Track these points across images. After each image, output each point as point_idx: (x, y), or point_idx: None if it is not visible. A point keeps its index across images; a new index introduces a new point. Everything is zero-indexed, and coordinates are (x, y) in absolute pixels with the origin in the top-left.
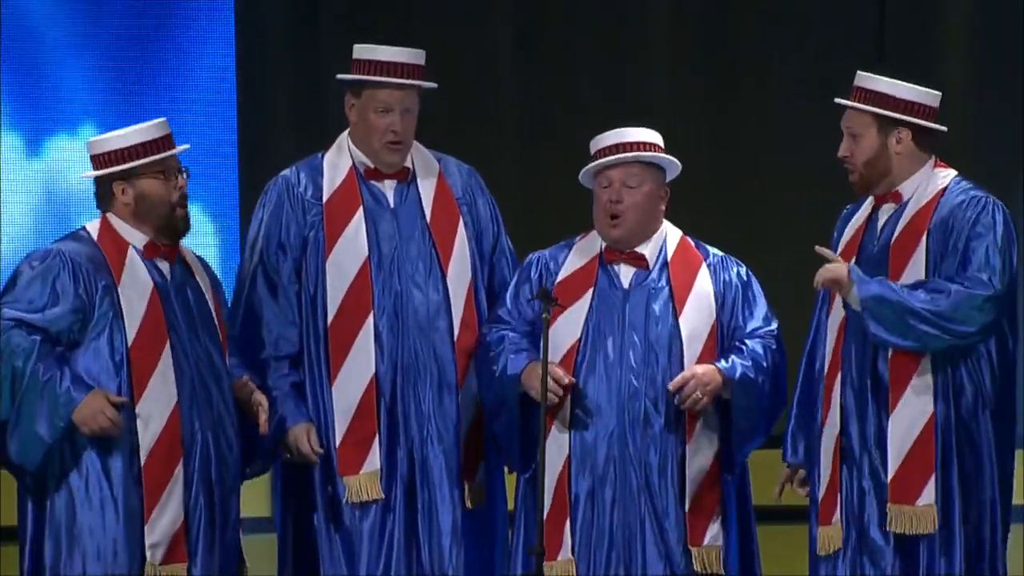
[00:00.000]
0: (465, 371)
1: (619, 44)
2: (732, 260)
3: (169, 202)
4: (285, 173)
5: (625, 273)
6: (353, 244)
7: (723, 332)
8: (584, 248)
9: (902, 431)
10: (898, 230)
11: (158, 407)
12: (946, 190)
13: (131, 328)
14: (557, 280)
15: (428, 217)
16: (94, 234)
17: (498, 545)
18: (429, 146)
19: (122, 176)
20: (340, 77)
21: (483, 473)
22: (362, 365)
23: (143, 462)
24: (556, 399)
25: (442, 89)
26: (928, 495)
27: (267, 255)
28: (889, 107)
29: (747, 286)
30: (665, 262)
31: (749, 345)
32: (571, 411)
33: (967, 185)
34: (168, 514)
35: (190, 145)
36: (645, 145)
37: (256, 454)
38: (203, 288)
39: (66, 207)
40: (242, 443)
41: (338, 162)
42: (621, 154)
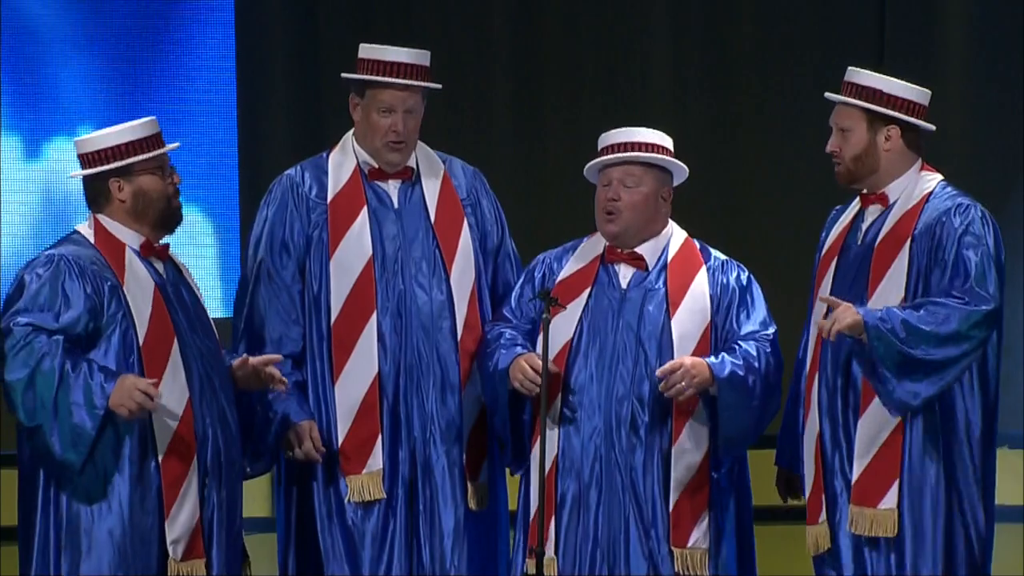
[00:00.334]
0: (468, 371)
1: (619, 44)
2: (735, 264)
3: (166, 196)
4: (289, 172)
5: (624, 273)
6: (357, 244)
7: (717, 335)
8: (588, 248)
9: (870, 434)
10: (883, 233)
11: (172, 403)
12: (932, 194)
13: (141, 326)
14: (558, 279)
15: (432, 217)
16: (89, 236)
17: (501, 545)
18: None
19: (119, 173)
20: (345, 76)
21: (486, 473)
22: (365, 364)
23: (161, 458)
24: (535, 389)
25: (440, 89)
26: (891, 499)
27: (270, 254)
28: (880, 103)
29: (746, 290)
30: (665, 264)
31: (743, 346)
32: (560, 409)
33: (953, 191)
34: (186, 509)
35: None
36: (646, 146)
37: (259, 453)
38: (193, 287)
39: (65, 209)
40: (242, 440)
41: (343, 162)
42: (621, 153)
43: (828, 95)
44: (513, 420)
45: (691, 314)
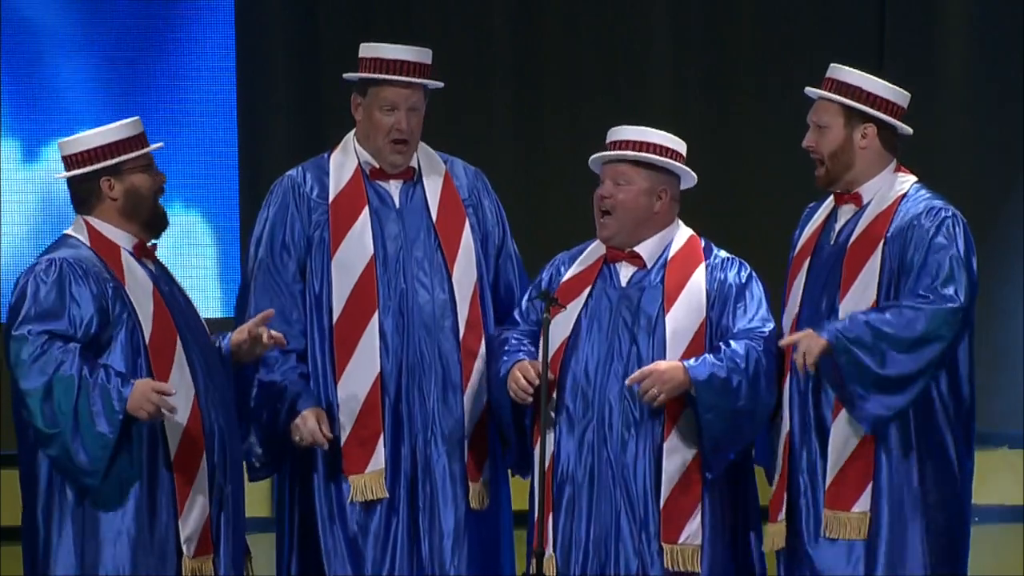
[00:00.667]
0: (470, 371)
1: (619, 44)
2: (737, 261)
3: (156, 194)
4: (291, 173)
5: (624, 273)
6: (359, 243)
7: (712, 331)
8: (595, 249)
9: (843, 437)
10: (855, 234)
11: (180, 400)
12: (906, 196)
13: (146, 326)
14: (563, 280)
15: (434, 217)
16: (83, 239)
17: (503, 545)
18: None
19: (110, 172)
20: (347, 76)
21: (488, 473)
22: (367, 364)
23: (172, 456)
24: (527, 398)
25: (440, 88)
26: (864, 502)
27: (271, 254)
28: (859, 100)
29: (744, 287)
30: (666, 262)
31: (731, 346)
32: (556, 409)
33: (926, 194)
34: (198, 506)
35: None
36: (640, 144)
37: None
38: (180, 285)
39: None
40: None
41: (344, 162)
42: (614, 151)
43: (808, 90)
44: (517, 425)
45: (686, 311)
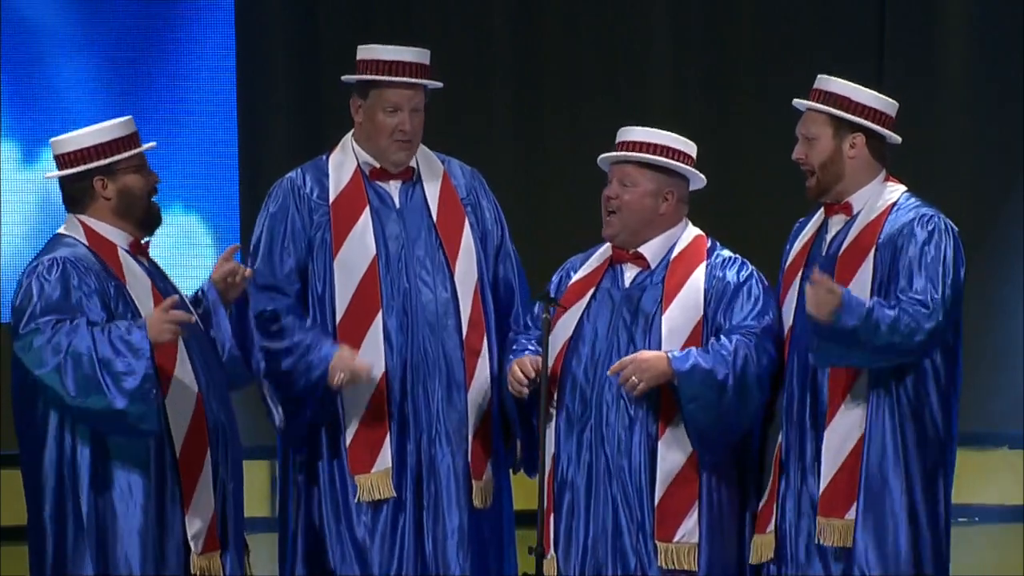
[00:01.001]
0: (473, 369)
1: (619, 44)
2: (739, 261)
3: (148, 194)
4: (290, 175)
5: (629, 273)
6: (361, 243)
7: (708, 330)
8: (604, 250)
9: (835, 445)
10: (846, 243)
11: (184, 396)
12: (895, 205)
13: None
14: (572, 281)
15: (434, 217)
16: (80, 238)
17: (505, 545)
18: (426, 145)
19: (103, 171)
20: (346, 78)
21: (491, 472)
22: (372, 364)
23: (178, 452)
24: (523, 391)
25: (440, 88)
26: (856, 510)
27: (270, 255)
28: (847, 110)
29: (742, 285)
30: (668, 262)
31: (721, 340)
32: (556, 408)
33: (916, 202)
34: (204, 502)
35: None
36: (648, 146)
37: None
38: (174, 283)
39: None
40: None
41: (343, 163)
42: (620, 152)
43: (796, 102)
44: (525, 423)
45: (683, 310)
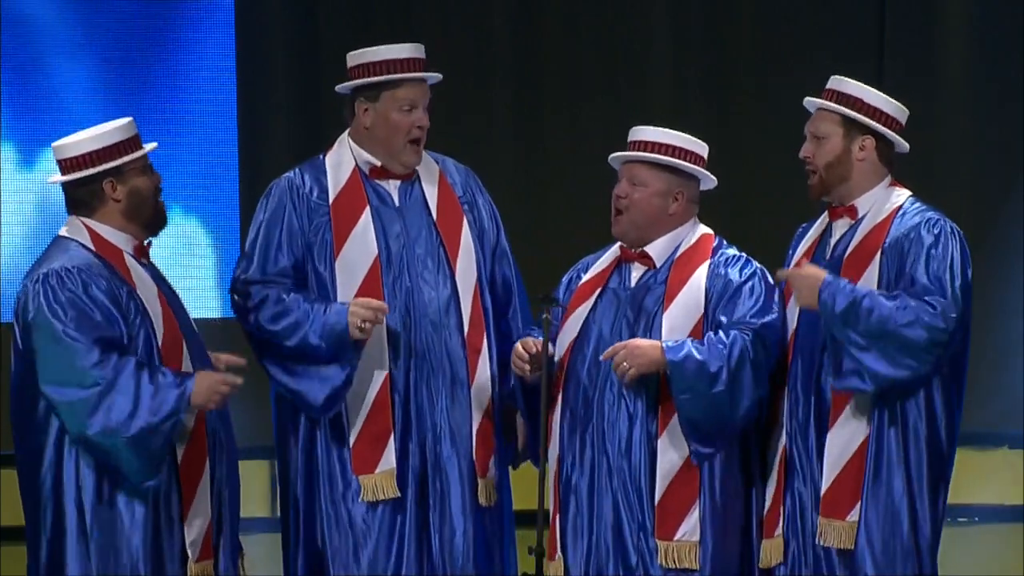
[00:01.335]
0: (475, 367)
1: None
2: (743, 259)
3: (154, 194)
4: (288, 175)
5: (635, 273)
6: (362, 243)
7: (708, 327)
8: (614, 250)
9: (839, 447)
10: (852, 246)
11: None
12: (901, 209)
13: (158, 328)
14: (582, 281)
15: (434, 215)
16: (87, 243)
17: (506, 543)
18: (427, 144)
19: (112, 174)
20: (343, 86)
21: (494, 469)
22: (375, 363)
23: (180, 460)
24: (524, 367)
25: (440, 88)
26: (858, 512)
27: (265, 253)
28: (859, 110)
29: (744, 283)
30: (672, 262)
31: (718, 333)
32: (561, 409)
33: (922, 206)
34: (202, 511)
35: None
36: (658, 147)
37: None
38: (171, 285)
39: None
40: None
41: (341, 162)
42: (631, 152)
43: (807, 100)
44: (532, 417)
45: (684, 308)
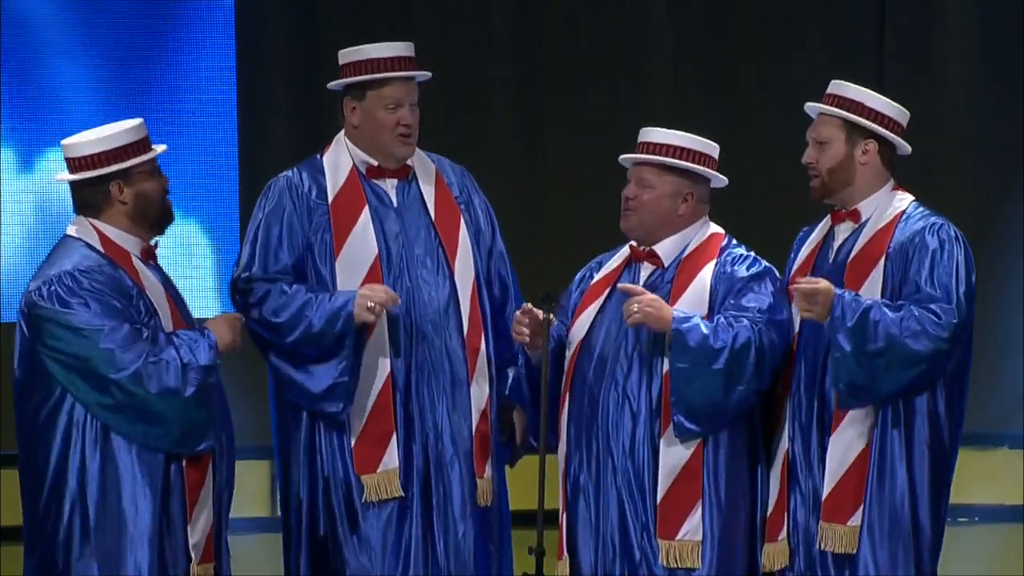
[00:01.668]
0: (474, 366)
1: (619, 44)
2: (750, 258)
3: (162, 196)
4: (287, 173)
5: (644, 272)
6: (362, 242)
7: None
8: (625, 249)
9: (841, 451)
10: (856, 250)
11: None
12: (905, 214)
13: (167, 328)
14: (594, 280)
15: (432, 215)
16: (96, 245)
17: (504, 543)
18: (426, 145)
19: (121, 176)
20: (344, 82)
21: (492, 469)
22: (377, 363)
23: (184, 460)
24: (523, 332)
25: (440, 88)
26: (859, 516)
27: (265, 253)
28: (860, 114)
29: (752, 280)
30: (680, 261)
31: (727, 316)
32: (569, 409)
33: (925, 211)
34: (205, 513)
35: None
36: (666, 149)
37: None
38: (176, 286)
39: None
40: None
41: (338, 161)
42: (639, 154)
43: (809, 105)
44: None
45: (689, 306)
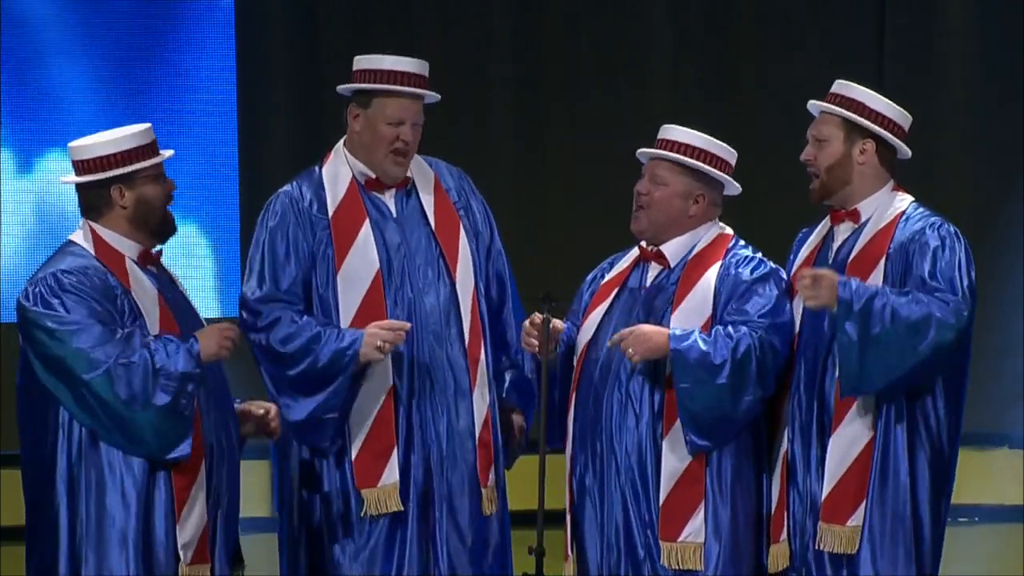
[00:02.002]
0: (475, 376)
1: (619, 44)
2: (755, 260)
3: (164, 203)
4: (286, 188)
5: (651, 272)
6: (363, 255)
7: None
8: (635, 250)
9: (841, 451)
10: (856, 250)
11: None
12: (905, 214)
13: (152, 330)
14: (604, 280)
15: (432, 225)
16: (89, 248)
17: (505, 547)
18: (427, 145)
19: (122, 180)
20: (354, 87)
21: (495, 477)
22: (379, 377)
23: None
24: (531, 337)
25: (440, 88)
26: (859, 517)
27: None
28: (860, 114)
29: (755, 283)
30: (686, 262)
31: (726, 328)
32: (575, 411)
33: (925, 211)
34: (195, 514)
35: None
36: (684, 148)
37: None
38: (184, 291)
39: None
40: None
41: (338, 174)
42: (656, 150)
43: (811, 104)
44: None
45: (693, 308)
